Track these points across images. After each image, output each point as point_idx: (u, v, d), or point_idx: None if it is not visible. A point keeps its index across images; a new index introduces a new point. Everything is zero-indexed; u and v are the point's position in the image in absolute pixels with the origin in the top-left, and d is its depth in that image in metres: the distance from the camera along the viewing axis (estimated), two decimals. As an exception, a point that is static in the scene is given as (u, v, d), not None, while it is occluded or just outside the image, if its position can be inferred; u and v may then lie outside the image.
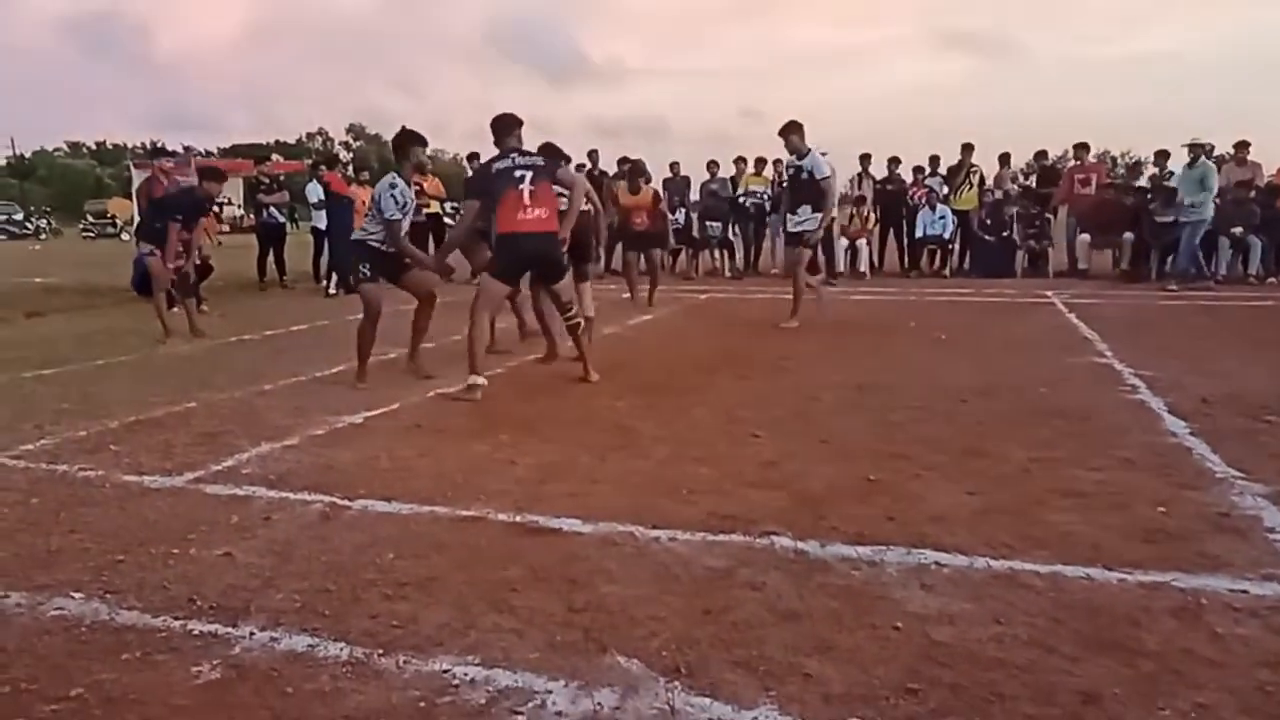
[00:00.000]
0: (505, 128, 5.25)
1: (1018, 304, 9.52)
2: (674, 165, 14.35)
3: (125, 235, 29.42)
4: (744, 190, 13.40)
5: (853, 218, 13.19)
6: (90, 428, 4.45)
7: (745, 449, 3.95)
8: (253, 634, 2.30)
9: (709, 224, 13.33)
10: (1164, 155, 12.47)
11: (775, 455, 3.83)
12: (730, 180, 13.66)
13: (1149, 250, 11.68)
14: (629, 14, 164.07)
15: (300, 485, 3.50)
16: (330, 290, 11.05)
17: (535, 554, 2.79)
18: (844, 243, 13.18)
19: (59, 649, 2.25)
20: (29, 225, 39.63)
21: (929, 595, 2.47)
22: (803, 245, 7.63)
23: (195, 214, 7.67)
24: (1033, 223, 12.53)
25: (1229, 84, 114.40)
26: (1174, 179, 10.97)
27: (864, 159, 13.57)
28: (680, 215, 13.05)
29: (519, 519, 3.10)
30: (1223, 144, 12.35)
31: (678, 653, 2.17)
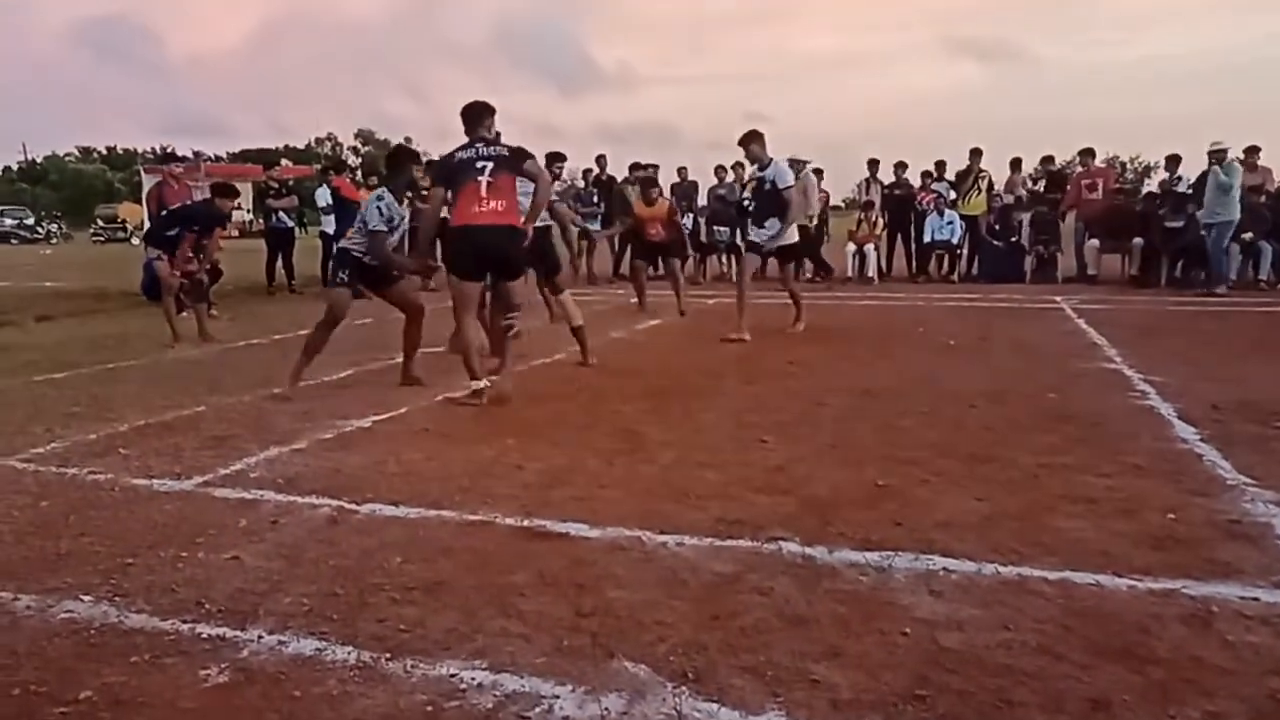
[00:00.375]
0: (475, 116, 5.07)
1: (1026, 309, 9.50)
2: (681, 170, 14.39)
3: (135, 240, 29.57)
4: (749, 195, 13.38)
5: (860, 223, 13.19)
6: (100, 431, 4.47)
7: (753, 454, 3.94)
8: (261, 637, 2.31)
9: (716, 229, 13.33)
10: (1175, 160, 12.44)
11: (783, 460, 3.83)
12: (734, 184, 13.64)
13: (1158, 256, 11.64)
14: (638, 20, 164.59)
15: (308, 489, 3.51)
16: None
17: (542, 558, 2.79)
18: (852, 248, 13.18)
19: (68, 652, 2.26)
20: (40, 229, 39.88)
21: (937, 601, 2.46)
22: (759, 254, 7.60)
23: (211, 226, 7.96)
24: (1044, 228, 12.50)
25: (1239, 88, 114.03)
26: (1206, 183, 10.77)
27: (872, 164, 13.56)
28: (688, 221, 13.05)
29: (526, 523, 3.10)
30: (1232, 149, 12.29)
31: (685, 658, 2.16)
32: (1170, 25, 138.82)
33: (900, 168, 13.47)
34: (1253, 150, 11.61)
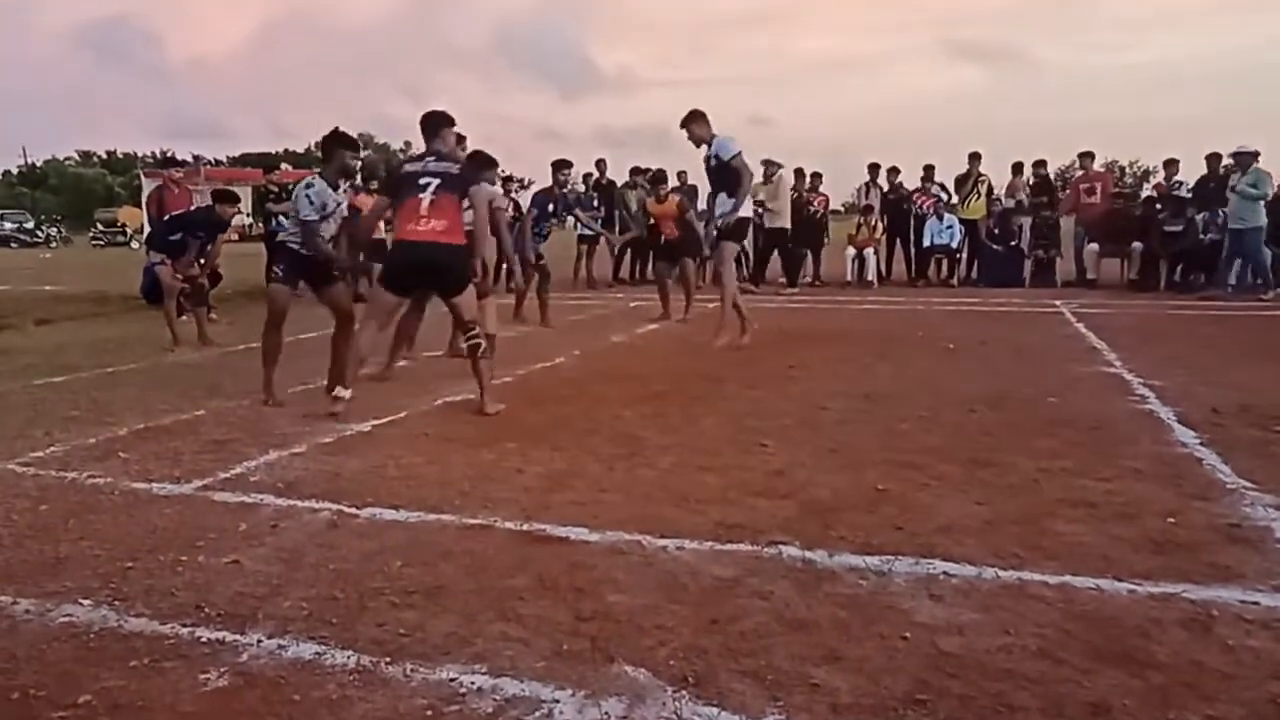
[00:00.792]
0: (432, 128, 4.94)
1: (1026, 313, 9.50)
2: (681, 175, 14.37)
3: (135, 244, 29.60)
4: (751, 200, 13.39)
5: (860, 227, 13.20)
6: (99, 435, 4.47)
7: (753, 458, 3.94)
8: (260, 641, 2.31)
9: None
10: (1172, 164, 12.46)
11: (783, 464, 3.82)
12: None
13: (1158, 260, 11.65)
14: (638, 24, 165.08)
15: (308, 493, 3.51)
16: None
17: (542, 563, 2.79)
18: (852, 252, 13.19)
19: (67, 656, 2.26)
20: (39, 233, 39.91)
21: (937, 605, 2.45)
22: (725, 239, 6.99)
23: (214, 232, 8.03)
24: (1043, 232, 12.50)
25: (1239, 92, 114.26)
26: (1232, 186, 10.74)
27: (872, 168, 13.58)
28: None
29: (526, 527, 3.10)
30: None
31: (685, 662, 2.16)
32: (1170, 29, 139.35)
33: (893, 172, 13.49)
34: (1253, 155, 11.61)
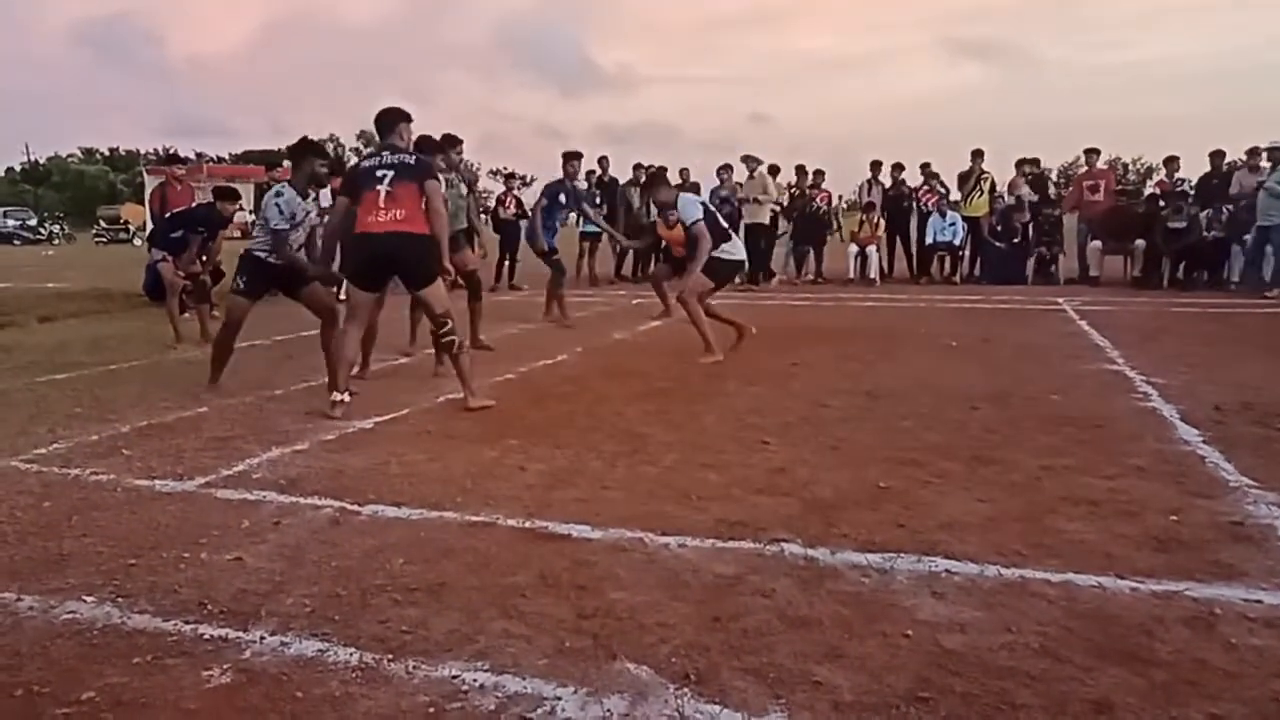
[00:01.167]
0: (388, 124, 4.94)
1: (1029, 311, 9.49)
2: (683, 172, 14.36)
3: (138, 241, 29.61)
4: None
5: (862, 224, 13.20)
6: (102, 432, 4.48)
7: (755, 455, 3.94)
8: (263, 638, 2.31)
9: None
10: (1173, 161, 12.44)
11: (785, 462, 3.82)
12: (735, 185, 13.63)
13: (1160, 257, 11.63)
14: (639, 22, 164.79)
15: (310, 490, 3.51)
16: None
17: (544, 560, 2.79)
18: (854, 249, 13.18)
19: (71, 652, 2.26)
20: (42, 230, 39.92)
21: (939, 603, 2.45)
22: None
23: (215, 229, 8.11)
24: (1046, 229, 12.48)
25: (1241, 90, 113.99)
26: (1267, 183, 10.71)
27: (874, 166, 13.57)
28: None
29: (528, 525, 3.10)
30: (1235, 150, 12.32)
31: (687, 659, 2.16)
32: (1172, 27, 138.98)
33: (898, 169, 13.47)
34: (1254, 152, 11.60)
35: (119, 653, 2.25)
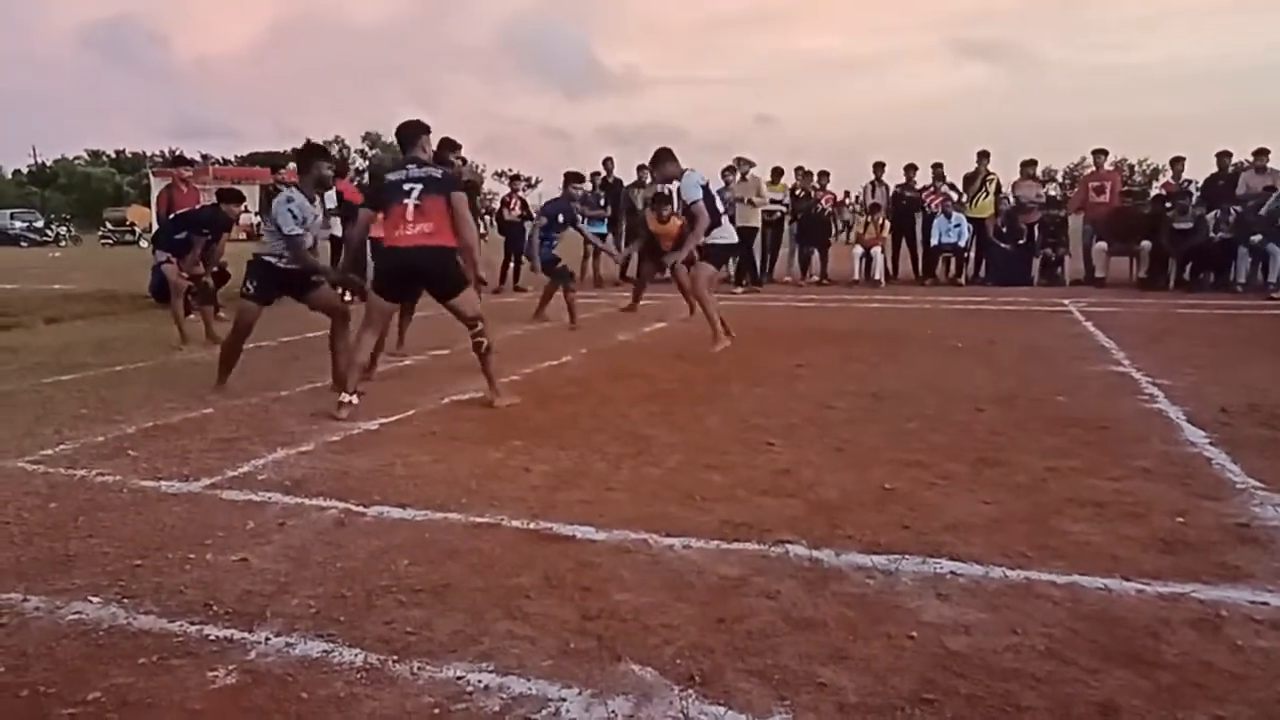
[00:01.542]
0: (410, 137, 5.04)
1: (1034, 312, 9.47)
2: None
3: (144, 242, 29.67)
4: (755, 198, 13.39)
5: (867, 225, 13.18)
6: (108, 433, 4.49)
7: (759, 457, 3.94)
8: (268, 639, 2.31)
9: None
10: (1179, 162, 12.41)
11: (789, 463, 3.82)
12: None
13: (1167, 258, 11.60)
14: (643, 24, 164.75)
15: (315, 491, 3.52)
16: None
17: (549, 561, 2.79)
18: (859, 250, 13.17)
19: (76, 653, 2.27)
20: (49, 232, 40.04)
21: (944, 605, 2.45)
22: (703, 259, 6.97)
23: (219, 231, 8.15)
24: (1051, 230, 12.46)
25: (1247, 91, 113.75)
26: None
27: (877, 167, 13.56)
28: None
29: (533, 526, 3.10)
30: (1241, 151, 12.28)
31: (691, 661, 2.16)
32: (1178, 28, 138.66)
33: (910, 170, 13.45)
34: (1261, 153, 11.59)
35: (125, 653, 2.25)
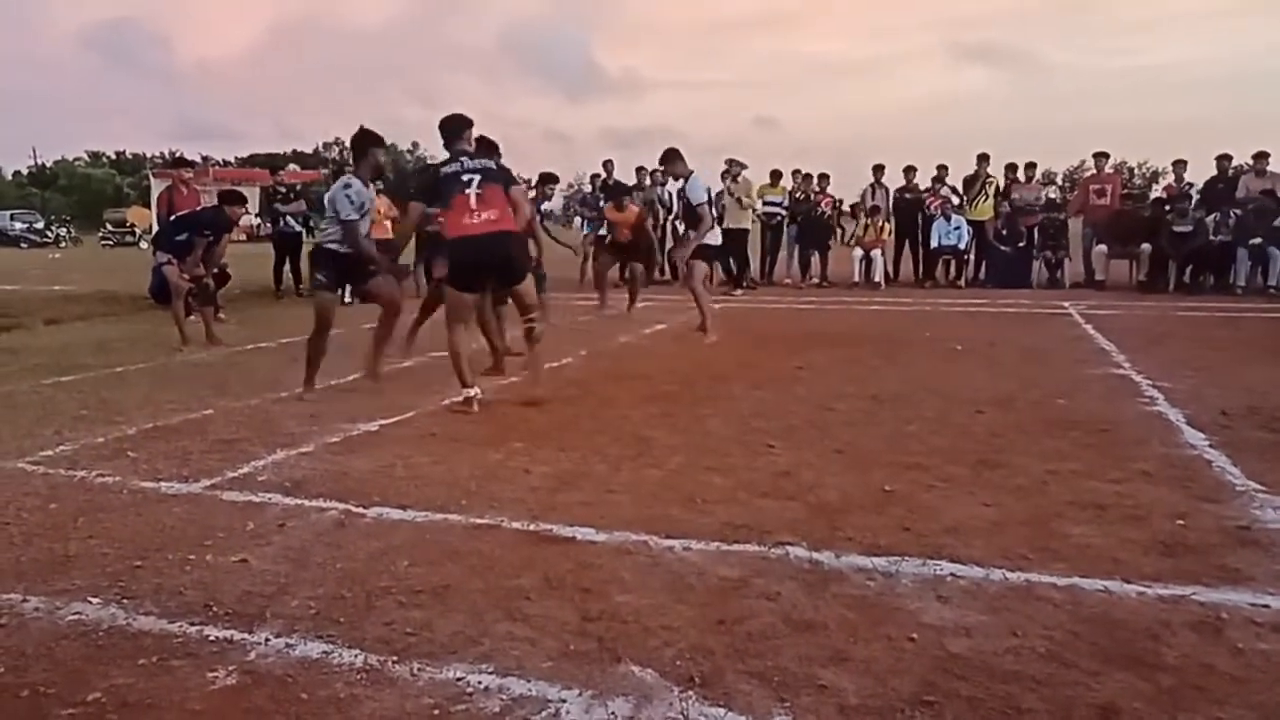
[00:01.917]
0: (455, 130, 5.11)
1: (1034, 315, 9.47)
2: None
3: (144, 244, 29.67)
4: (759, 199, 13.40)
5: (867, 228, 13.18)
6: (108, 434, 4.49)
7: (760, 459, 3.94)
8: (268, 640, 2.31)
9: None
10: (1181, 165, 12.41)
11: (790, 465, 3.82)
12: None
13: (1167, 261, 11.60)
14: (643, 26, 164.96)
15: (315, 492, 3.52)
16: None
17: (549, 562, 2.79)
18: (859, 253, 13.17)
19: (76, 654, 2.27)
20: (49, 233, 40.02)
21: (945, 607, 2.45)
22: (695, 258, 7.63)
23: (221, 232, 8.11)
24: (1051, 233, 12.46)
25: (1248, 95, 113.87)
26: None
27: (877, 169, 13.56)
28: None
29: (533, 527, 3.10)
30: (1242, 154, 12.28)
31: (692, 662, 2.16)
32: (1177, 32, 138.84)
33: (909, 172, 13.45)
34: (1261, 156, 11.59)
35: (124, 654, 2.25)
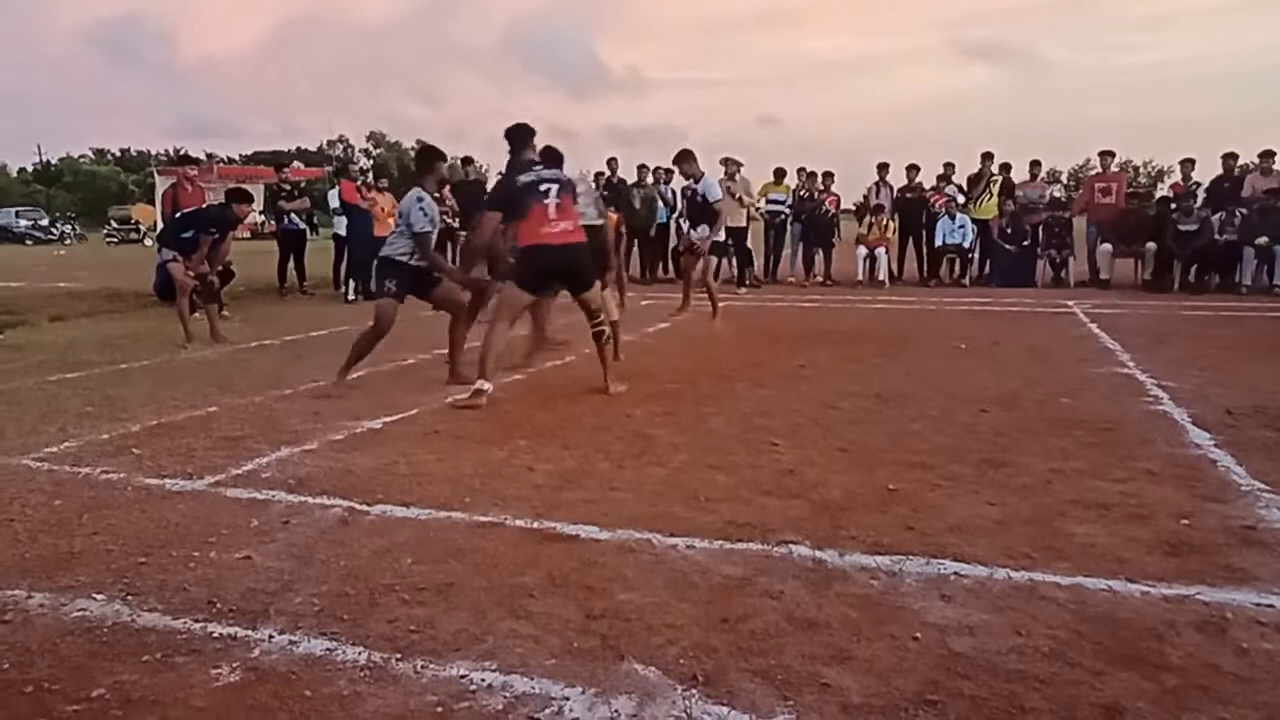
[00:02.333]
0: (521, 139, 5.31)
1: (1038, 313, 9.45)
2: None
3: (148, 241, 29.73)
4: (762, 198, 13.40)
5: (871, 226, 13.16)
6: (112, 431, 4.50)
7: (763, 457, 3.93)
8: (272, 637, 2.32)
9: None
10: (1189, 163, 12.38)
11: (793, 463, 3.82)
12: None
13: (1172, 260, 11.57)
14: (646, 24, 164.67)
15: (319, 490, 3.52)
16: (350, 296, 11.13)
17: (552, 560, 2.79)
18: (862, 251, 13.15)
19: (81, 650, 2.27)
20: (54, 230, 40.08)
21: (948, 606, 2.45)
22: (693, 254, 8.59)
23: (226, 230, 8.13)
24: (1055, 232, 12.43)
25: (1253, 93, 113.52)
26: None
27: (881, 168, 13.53)
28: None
29: (537, 525, 3.11)
30: (1248, 153, 12.25)
31: (695, 661, 2.16)
32: (1182, 30, 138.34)
33: (913, 170, 13.43)
34: (1267, 154, 11.55)
35: (129, 650, 2.26)
